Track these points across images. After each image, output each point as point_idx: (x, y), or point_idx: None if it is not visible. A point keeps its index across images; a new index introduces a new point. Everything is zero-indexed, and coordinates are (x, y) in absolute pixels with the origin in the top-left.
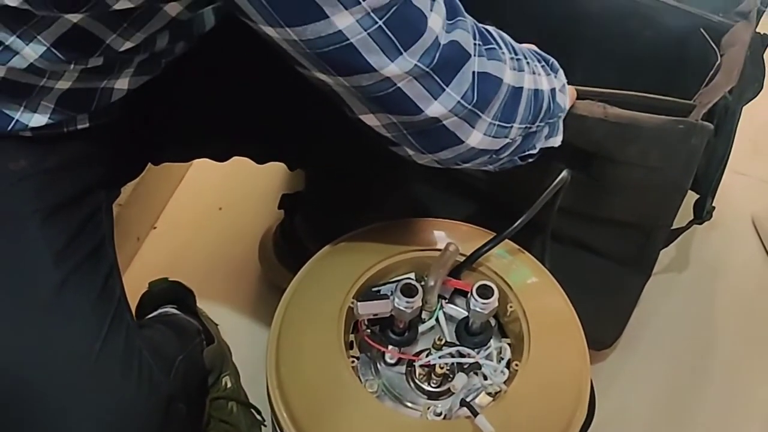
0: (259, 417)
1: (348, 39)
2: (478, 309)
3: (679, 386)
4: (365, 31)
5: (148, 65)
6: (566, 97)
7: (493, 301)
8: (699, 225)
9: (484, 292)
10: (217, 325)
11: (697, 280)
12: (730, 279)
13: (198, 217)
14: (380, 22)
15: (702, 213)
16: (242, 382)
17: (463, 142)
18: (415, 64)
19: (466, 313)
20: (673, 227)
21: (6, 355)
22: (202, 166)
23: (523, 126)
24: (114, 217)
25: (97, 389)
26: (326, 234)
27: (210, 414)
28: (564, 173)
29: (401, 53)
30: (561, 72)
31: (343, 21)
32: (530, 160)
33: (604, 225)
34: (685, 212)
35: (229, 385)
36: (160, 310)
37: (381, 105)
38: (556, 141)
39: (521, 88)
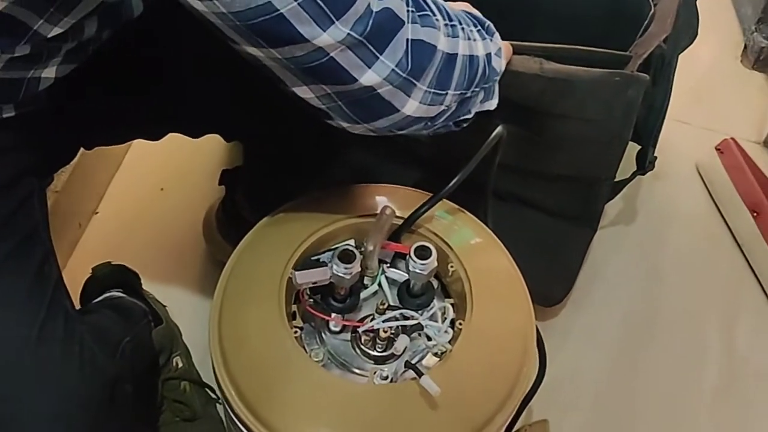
0: (213, 395)
1: (278, 9)
2: (417, 270)
3: (633, 337)
4: (295, 1)
5: (76, 53)
6: (502, 60)
7: (432, 262)
8: (642, 176)
9: (422, 253)
10: (165, 306)
11: (645, 231)
12: (678, 227)
13: (140, 199)
14: None
15: (644, 164)
16: (194, 360)
17: (398, 110)
18: (348, 33)
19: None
20: (617, 179)
21: None
22: (140, 147)
23: (458, 92)
24: (51, 204)
25: (39, 375)
26: (267, 207)
27: (163, 395)
28: (499, 129)
29: (333, 22)
30: (497, 35)
31: None
32: (464, 125)
33: (547, 180)
34: (629, 164)
35: (180, 365)
36: (105, 295)
37: (314, 76)
38: (492, 104)
39: (456, 54)
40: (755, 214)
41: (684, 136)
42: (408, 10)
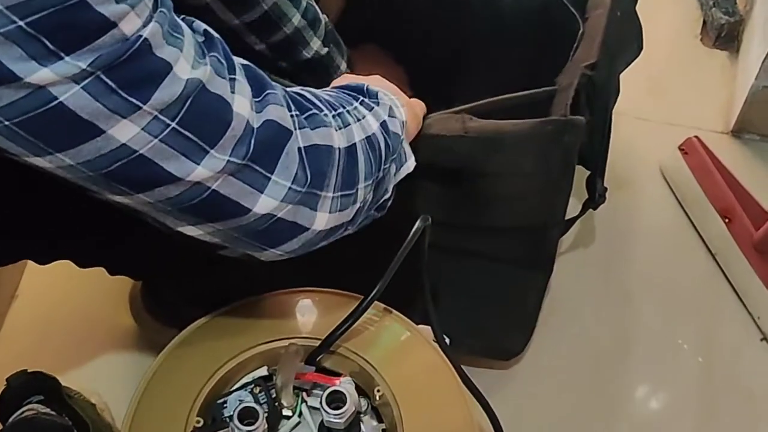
0: None
1: (136, 151)
2: (333, 420)
3: (605, 372)
4: (156, 138)
5: None
6: (397, 119)
7: (349, 408)
8: (594, 210)
9: (336, 401)
10: (93, 404)
11: (607, 249)
12: (644, 240)
13: (56, 286)
14: (173, 124)
15: (595, 196)
16: None
17: (308, 228)
18: (228, 160)
19: None
20: (567, 217)
21: None
22: None
23: (370, 181)
24: None
25: None
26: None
27: None
28: (418, 223)
29: (207, 152)
30: (381, 93)
31: (126, 132)
32: (388, 205)
33: (493, 234)
34: (579, 190)
35: None
36: (25, 406)
37: (197, 214)
38: (409, 166)
39: (354, 144)
40: (727, 220)
41: (644, 135)
42: (292, 116)
